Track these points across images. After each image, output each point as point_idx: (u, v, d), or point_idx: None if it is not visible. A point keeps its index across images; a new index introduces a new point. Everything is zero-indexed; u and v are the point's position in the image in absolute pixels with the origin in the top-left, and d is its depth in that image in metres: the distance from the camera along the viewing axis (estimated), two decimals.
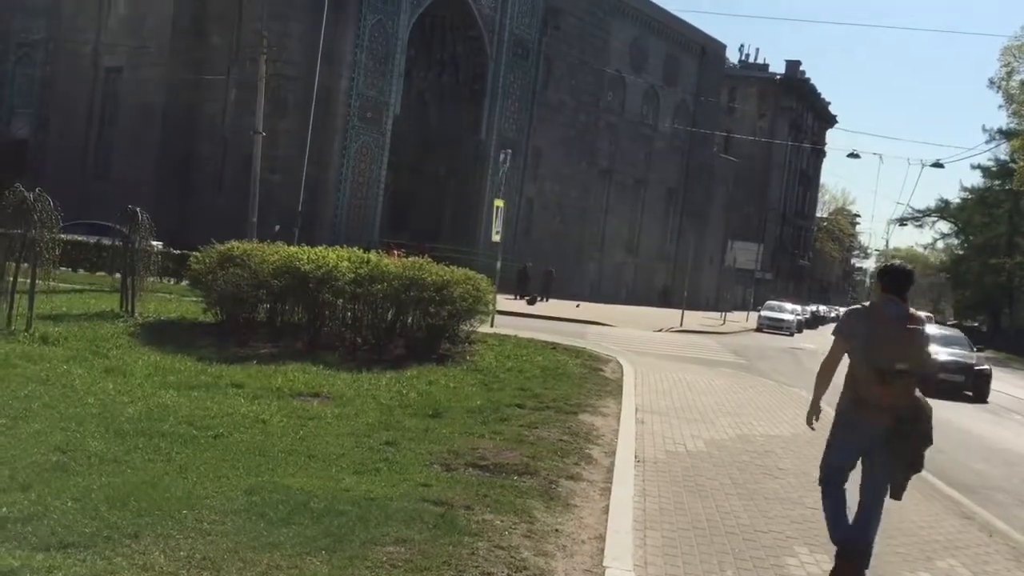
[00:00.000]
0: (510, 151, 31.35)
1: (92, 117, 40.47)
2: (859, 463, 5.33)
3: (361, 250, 14.19)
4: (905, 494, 5.29)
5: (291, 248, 13.61)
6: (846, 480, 5.39)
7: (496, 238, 23.75)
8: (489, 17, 44.76)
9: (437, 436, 7.57)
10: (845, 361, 5.36)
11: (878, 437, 5.15)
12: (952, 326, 31.17)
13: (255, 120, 29.55)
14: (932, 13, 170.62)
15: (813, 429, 5.65)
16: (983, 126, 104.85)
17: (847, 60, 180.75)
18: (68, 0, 41.53)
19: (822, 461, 5.46)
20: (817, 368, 5.51)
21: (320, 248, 13.67)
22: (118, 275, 14.70)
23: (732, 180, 70.53)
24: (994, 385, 20.82)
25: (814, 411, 5.52)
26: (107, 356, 9.73)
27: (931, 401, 5.32)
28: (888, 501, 5.30)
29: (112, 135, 39.98)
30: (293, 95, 35.16)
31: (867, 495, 5.31)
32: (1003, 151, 51.86)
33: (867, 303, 5.70)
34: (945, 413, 16.34)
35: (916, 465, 5.21)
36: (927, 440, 5.19)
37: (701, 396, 13.08)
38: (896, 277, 5.39)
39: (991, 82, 43.30)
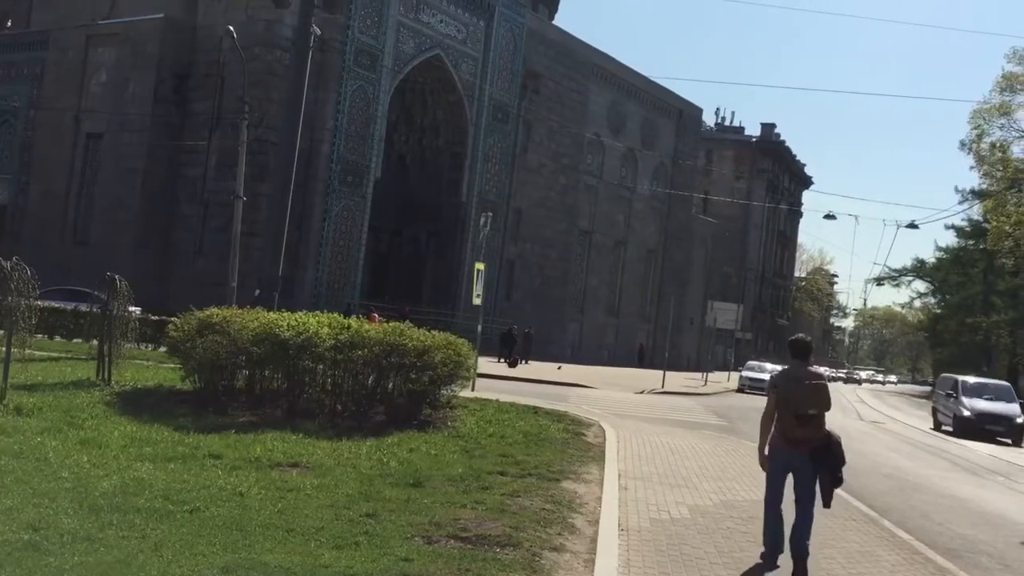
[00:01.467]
0: (490, 214, 31.54)
1: (72, 182, 40.45)
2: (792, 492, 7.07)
3: (341, 315, 14.15)
4: (884, 551, 6.80)
5: (271, 314, 13.53)
6: (782, 499, 7.14)
7: (477, 301, 23.74)
8: (469, 82, 45.39)
9: (418, 507, 7.46)
10: None
11: (802, 462, 7.05)
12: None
13: (236, 185, 29.61)
14: (902, 77, 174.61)
15: (765, 471, 7.28)
16: (955, 187, 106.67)
17: (820, 123, 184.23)
18: (51, 67, 41.77)
19: (766, 485, 7.26)
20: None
21: (300, 314, 13.60)
22: (95, 342, 14.56)
23: (711, 241, 71.17)
24: (976, 446, 20.85)
25: (763, 456, 7.32)
26: (82, 427, 9.58)
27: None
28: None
29: (92, 200, 39.93)
30: (274, 160, 35.18)
31: (799, 505, 7.05)
32: (976, 211, 52.69)
33: (786, 367, 7.63)
34: (933, 482, 16.31)
35: (837, 481, 7.11)
36: (841, 461, 7.08)
37: (684, 460, 13.00)
38: (800, 347, 7.46)
39: (962, 144, 44.07)
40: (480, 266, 24.29)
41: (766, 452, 7.22)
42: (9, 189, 42.73)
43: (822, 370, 7.38)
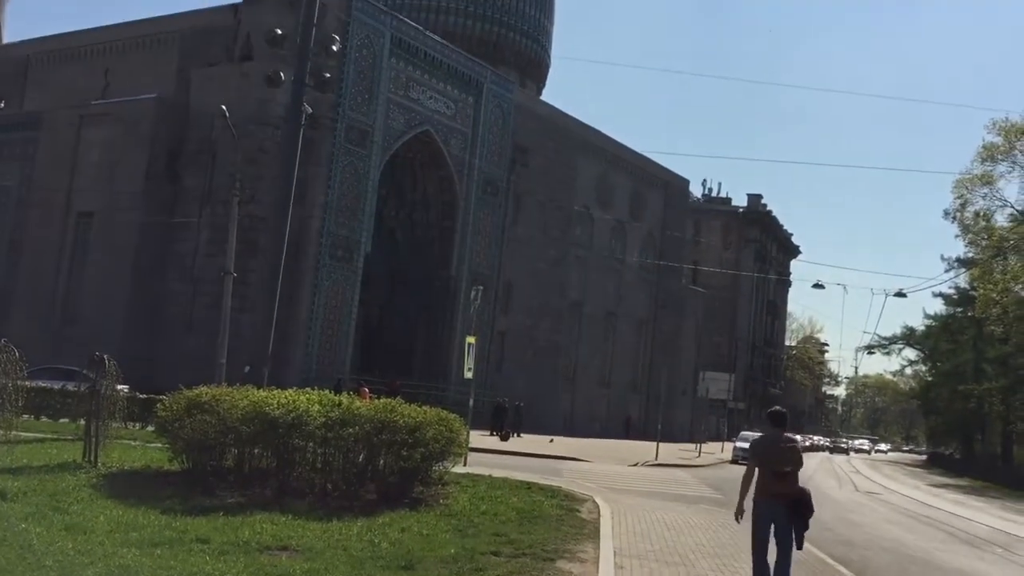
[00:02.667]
0: (481, 288, 31.61)
1: (62, 260, 40.48)
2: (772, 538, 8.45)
3: (332, 391, 14.03)
4: None
5: (261, 392, 13.40)
6: (767, 547, 8.41)
7: (468, 375, 23.62)
8: (459, 157, 45.92)
9: None
10: None
11: (780, 512, 8.47)
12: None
13: (226, 261, 29.64)
14: (885, 147, 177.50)
15: (739, 523, 8.78)
16: (942, 255, 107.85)
17: (806, 193, 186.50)
18: (44, 147, 42.13)
19: (752, 536, 8.59)
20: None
21: (290, 391, 13.48)
22: (82, 422, 14.39)
23: (701, 310, 71.37)
24: (973, 516, 20.64)
25: (739, 510, 8.70)
26: (68, 512, 9.39)
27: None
28: None
29: (83, 278, 39.92)
30: (265, 236, 35.37)
31: (780, 548, 8.46)
32: (963, 279, 53.05)
33: (764, 434, 9.29)
34: (932, 555, 16.09)
35: (806, 526, 8.57)
36: (810, 511, 8.59)
37: (681, 536, 12.81)
38: (776, 417, 9.14)
39: (946, 213, 44.59)
40: (471, 340, 24.23)
41: (749, 508, 8.55)
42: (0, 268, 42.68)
43: (798, 437, 9.51)
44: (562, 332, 54.75)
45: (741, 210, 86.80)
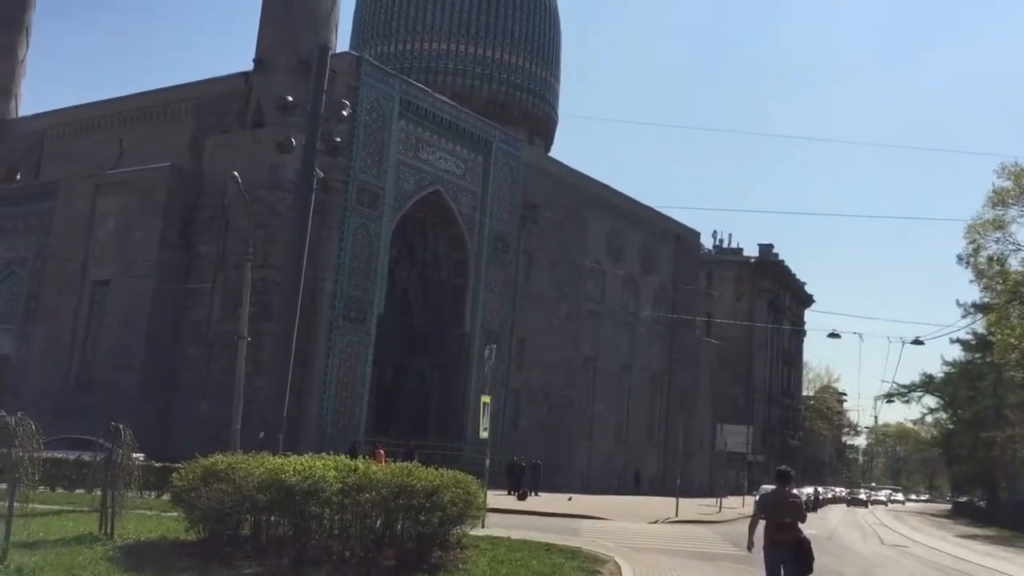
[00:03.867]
0: (495, 346, 31.55)
1: (77, 329, 40.63)
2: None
3: (347, 455, 13.93)
4: None
5: (277, 459, 13.32)
6: None
7: (484, 435, 23.48)
8: (469, 216, 46.19)
9: None
10: None
11: (785, 556, 10.36)
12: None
13: (240, 325, 29.72)
14: (894, 194, 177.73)
15: (750, 551, 10.89)
16: (957, 300, 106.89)
17: (817, 242, 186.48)
18: (59, 217, 42.60)
19: (765, 572, 10.55)
20: (817, 562, 10.58)
21: (306, 457, 13.40)
22: (98, 492, 14.31)
23: (716, 362, 70.97)
24: (1004, 568, 20.18)
25: (750, 542, 10.76)
26: None
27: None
28: None
29: (97, 346, 40.04)
30: (278, 299, 35.51)
31: None
32: (980, 325, 52.62)
33: (771, 487, 11.26)
34: None
35: (810, 569, 10.45)
36: (810, 557, 10.40)
37: None
38: (781, 475, 11.02)
39: (959, 258, 44.30)
40: (486, 399, 24.13)
41: (762, 551, 10.54)
42: (13, 339, 42.85)
43: (797, 491, 12.00)
44: (577, 388, 54.47)
45: (753, 260, 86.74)
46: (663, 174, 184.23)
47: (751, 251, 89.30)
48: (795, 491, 11.22)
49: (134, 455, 14.58)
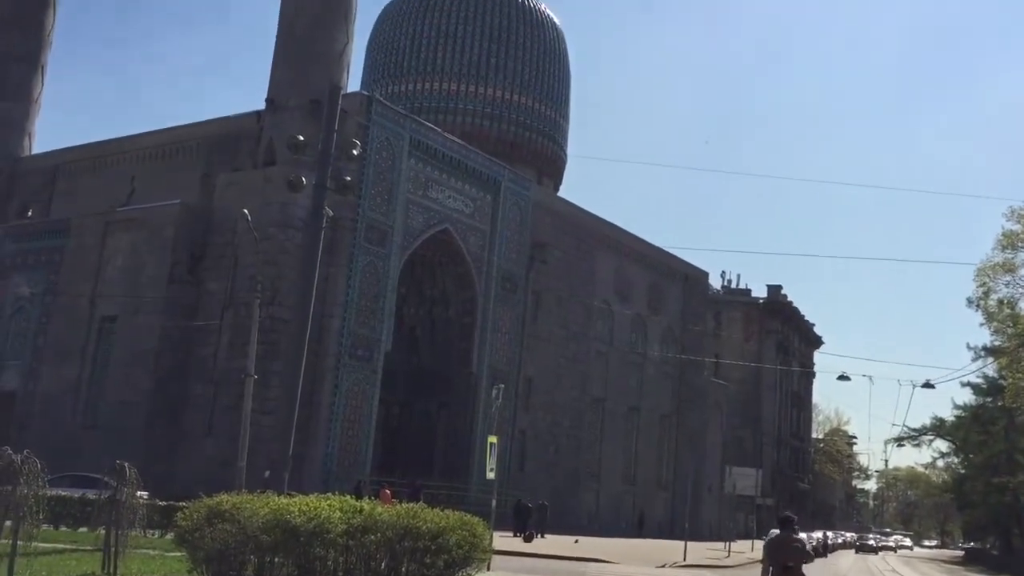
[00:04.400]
0: (502, 386, 31.37)
1: (84, 366, 40.60)
2: None
3: (353, 495, 13.79)
4: None
5: (282, 499, 13.19)
6: None
7: (491, 475, 23.27)
8: (477, 255, 46.24)
9: None
10: None
11: None
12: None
13: (247, 363, 29.66)
14: (903, 236, 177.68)
15: None
16: (967, 344, 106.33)
17: (826, 284, 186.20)
18: (69, 254, 42.74)
19: None
20: None
21: (312, 497, 13.26)
22: (102, 531, 14.18)
23: (725, 404, 70.51)
24: None
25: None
26: None
27: None
28: None
29: (103, 383, 39.97)
30: (286, 337, 35.46)
31: None
32: (991, 368, 52.22)
33: (778, 532, 11.72)
34: None
35: None
36: None
37: None
38: (784, 521, 11.69)
39: (969, 301, 44.02)
40: (493, 439, 23.95)
41: None
42: (21, 375, 42.84)
43: (801, 535, 13.01)
44: (584, 428, 54.13)
45: (761, 301, 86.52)
46: (671, 214, 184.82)
47: (759, 292, 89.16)
48: (799, 535, 11.85)
49: (138, 493, 14.48)
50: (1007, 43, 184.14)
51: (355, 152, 23.90)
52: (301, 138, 21.81)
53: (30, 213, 48.92)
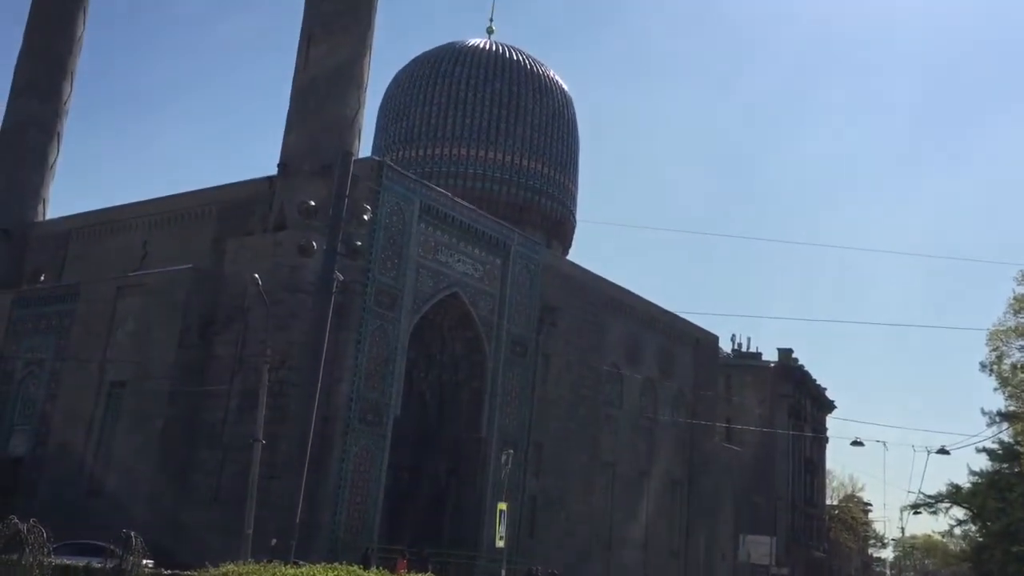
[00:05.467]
0: (512, 451, 31.16)
1: (92, 431, 40.40)
2: None
3: (359, 566, 13.56)
4: None
5: (289, 570, 12.97)
6: None
7: (500, 543, 22.97)
8: (487, 318, 46.16)
9: None
10: None
11: None
12: None
13: (255, 428, 29.48)
14: (912, 300, 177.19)
15: None
16: (982, 409, 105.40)
17: (837, 348, 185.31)
18: (80, 319, 42.88)
19: None
20: None
21: (320, 567, 13.04)
22: None
23: (738, 470, 69.65)
24: None
25: None
26: None
27: None
28: None
29: (111, 449, 39.73)
30: (295, 401, 35.36)
31: None
32: (1007, 434, 51.59)
33: None
34: None
35: None
36: None
37: None
38: None
39: (983, 366, 43.81)
40: (502, 506, 23.71)
41: None
42: (28, 441, 42.67)
43: None
44: (595, 494, 53.38)
45: (772, 365, 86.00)
46: (681, 278, 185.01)
47: (770, 355, 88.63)
48: None
49: (144, 562, 14.26)
50: (1017, 105, 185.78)
51: (366, 217, 24.11)
52: (312, 203, 22.03)
53: (43, 278, 49.24)
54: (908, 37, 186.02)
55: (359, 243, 22.51)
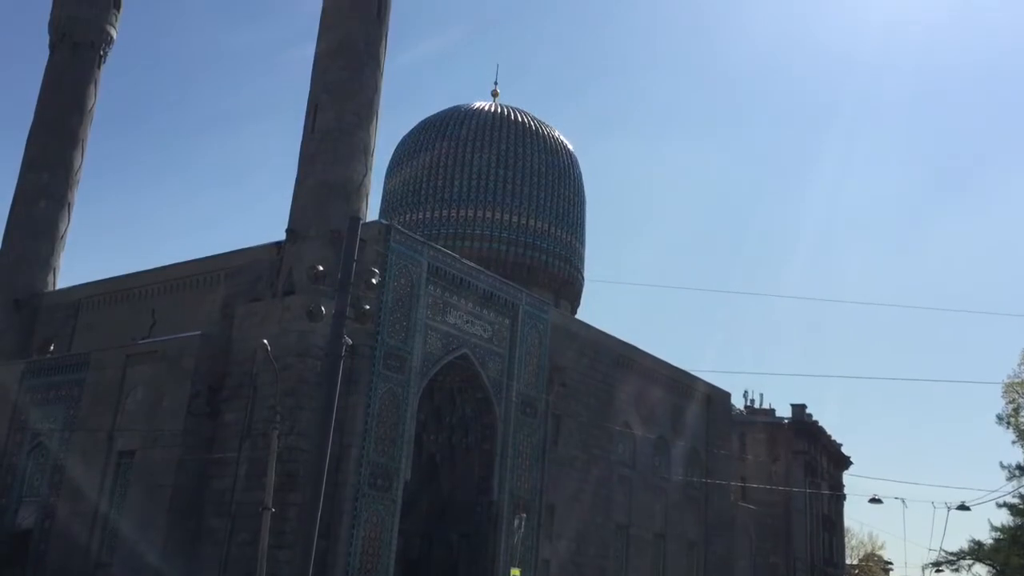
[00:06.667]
0: (524, 515, 30.70)
1: (100, 502, 40.01)
2: None
3: None
4: None
5: None
6: None
7: None
8: (496, 379, 45.90)
9: None
10: None
11: None
12: None
13: (265, 495, 29.18)
14: (924, 352, 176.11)
15: None
16: (1001, 462, 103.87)
17: (851, 402, 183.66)
18: (89, 388, 42.77)
19: None
20: None
21: None
22: None
23: (753, 529, 68.50)
24: None
25: None
26: None
27: None
28: None
29: (120, 519, 39.29)
30: (304, 468, 35.07)
31: None
32: None
33: None
34: None
35: None
36: None
37: None
38: None
39: (999, 418, 43.39)
40: (516, 572, 23.30)
41: None
42: (37, 513, 42.23)
43: None
44: (609, 557, 52.48)
45: (786, 421, 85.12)
46: (691, 334, 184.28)
47: (783, 410, 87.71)
48: None
49: None
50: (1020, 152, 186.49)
51: (374, 281, 24.08)
52: (321, 268, 22.03)
53: (52, 348, 49.28)
54: (911, 82, 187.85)
55: (367, 307, 22.43)
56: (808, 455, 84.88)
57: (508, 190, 62.40)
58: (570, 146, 68.08)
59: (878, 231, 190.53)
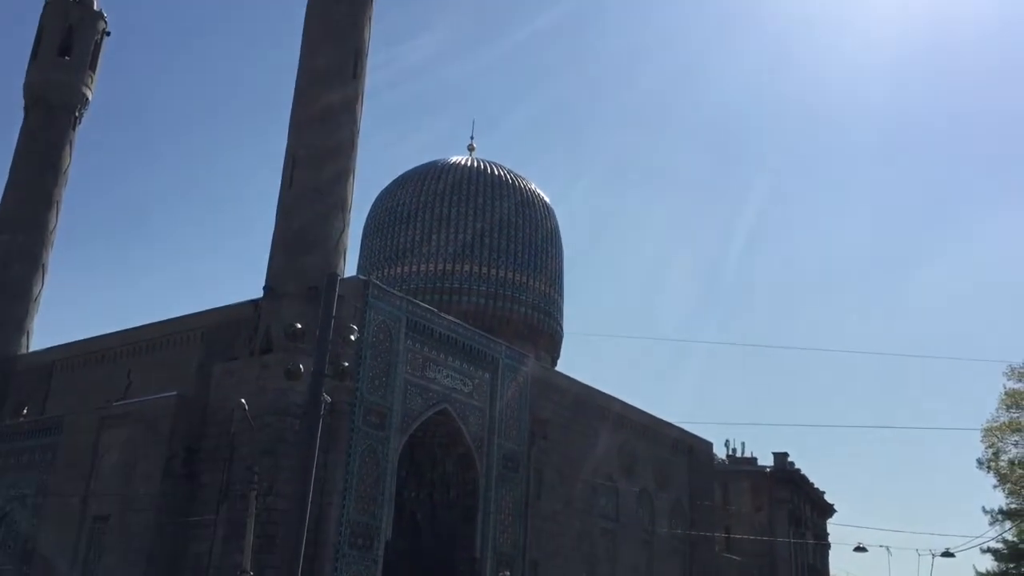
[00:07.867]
0: (508, 573, 30.24)
1: (74, 569, 39.02)
2: None
3: None
4: None
5: None
6: None
7: None
8: (477, 434, 45.53)
9: None
10: None
11: None
12: None
13: (243, 559, 28.59)
14: (905, 399, 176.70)
15: None
16: (983, 507, 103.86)
17: (831, 450, 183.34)
18: (62, 452, 41.98)
19: None
20: None
21: None
22: None
23: None
24: None
25: None
26: None
27: None
28: None
29: None
30: (283, 528, 34.41)
31: None
32: (1010, 533, 50.68)
33: None
34: None
35: None
36: None
37: None
38: None
39: (980, 463, 43.40)
40: None
41: None
42: None
43: None
44: None
45: (769, 470, 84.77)
46: (671, 385, 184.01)
47: (765, 459, 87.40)
48: None
49: None
50: (997, 200, 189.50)
51: (352, 337, 23.93)
52: (299, 326, 21.86)
53: (25, 412, 48.48)
54: (879, 130, 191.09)
55: (346, 363, 22.28)
56: (792, 504, 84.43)
57: (486, 244, 62.55)
58: (546, 198, 68.51)
59: (857, 278, 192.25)
